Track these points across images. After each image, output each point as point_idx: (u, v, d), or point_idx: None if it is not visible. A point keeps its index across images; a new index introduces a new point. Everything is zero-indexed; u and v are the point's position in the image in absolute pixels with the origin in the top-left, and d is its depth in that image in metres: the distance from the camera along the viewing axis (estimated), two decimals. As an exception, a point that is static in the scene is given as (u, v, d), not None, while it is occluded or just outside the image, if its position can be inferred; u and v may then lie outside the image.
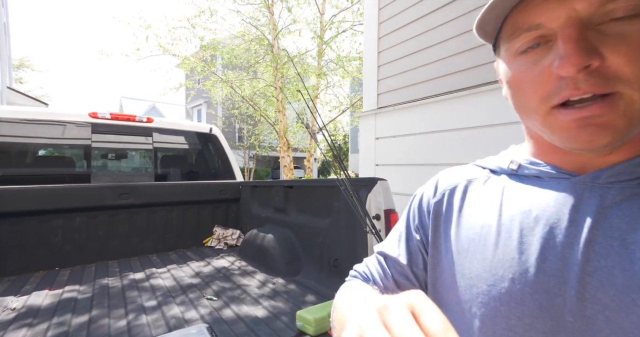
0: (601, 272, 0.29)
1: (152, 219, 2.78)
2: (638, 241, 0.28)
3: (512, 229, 0.35)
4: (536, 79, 0.32)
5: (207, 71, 8.32)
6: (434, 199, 0.45)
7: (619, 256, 0.29)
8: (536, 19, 0.31)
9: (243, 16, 7.91)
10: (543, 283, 0.32)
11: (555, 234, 0.33)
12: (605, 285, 0.29)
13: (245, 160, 15.12)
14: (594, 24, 0.29)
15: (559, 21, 0.29)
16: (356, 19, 8.15)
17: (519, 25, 0.32)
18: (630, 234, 0.29)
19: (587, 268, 0.30)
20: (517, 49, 0.33)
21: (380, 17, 2.96)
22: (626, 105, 0.29)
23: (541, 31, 0.31)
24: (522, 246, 0.34)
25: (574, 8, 0.29)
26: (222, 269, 2.31)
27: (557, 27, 0.30)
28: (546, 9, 0.30)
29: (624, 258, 0.29)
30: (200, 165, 3.34)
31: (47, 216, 2.35)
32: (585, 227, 0.31)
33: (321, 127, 1.63)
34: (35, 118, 2.41)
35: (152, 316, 1.58)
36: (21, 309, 1.66)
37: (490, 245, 0.36)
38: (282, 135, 8.27)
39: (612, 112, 0.29)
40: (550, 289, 0.32)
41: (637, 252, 0.28)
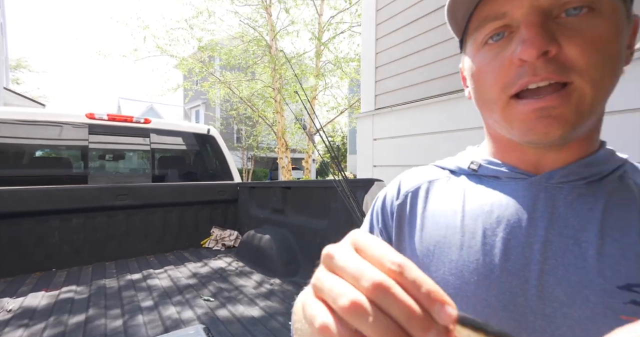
0: (558, 270, 0.32)
1: (149, 220, 2.78)
2: (590, 240, 0.31)
3: (476, 230, 0.36)
4: (497, 70, 0.33)
5: (205, 72, 8.32)
6: (397, 201, 0.45)
7: (573, 254, 0.31)
8: (501, 8, 0.32)
9: (241, 17, 7.92)
10: (506, 283, 0.33)
11: (516, 235, 0.34)
12: (561, 282, 0.31)
13: (244, 161, 15.11)
14: (553, 16, 0.31)
15: (522, 10, 0.31)
16: (354, 20, 8.17)
17: (485, 16, 0.34)
18: (583, 232, 0.32)
19: (545, 267, 0.32)
20: (482, 39, 0.35)
21: (378, 18, 2.98)
22: (578, 98, 0.31)
23: (506, 20, 0.33)
24: (485, 247, 0.35)
25: None
26: (220, 270, 2.31)
27: (520, 16, 0.31)
28: (509, 1, 0.32)
29: (578, 256, 0.31)
30: (198, 166, 3.34)
31: (44, 217, 2.34)
32: (542, 228, 0.33)
33: (318, 128, 1.63)
34: (32, 119, 2.40)
35: (148, 317, 1.58)
36: (17, 311, 1.65)
37: (455, 247, 0.37)
38: (280, 137, 8.27)
39: (565, 104, 0.31)
40: (513, 288, 0.33)
41: (589, 250, 0.31)
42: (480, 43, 0.35)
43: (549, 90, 0.31)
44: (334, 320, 0.17)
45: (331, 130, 17.58)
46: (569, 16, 0.30)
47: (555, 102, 0.30)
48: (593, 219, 0.32)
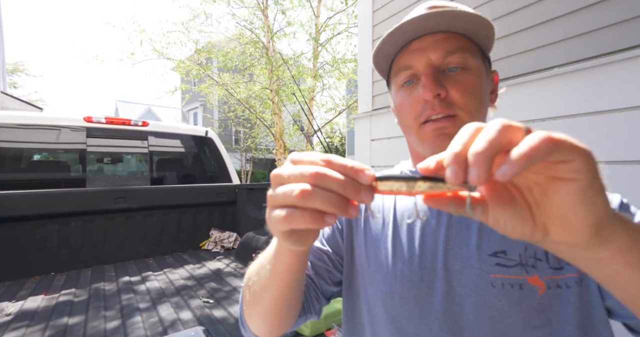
0: (455, 248, 0.45)
1: (148, 222, 2.78)
2: (473, 223, 0.45)
3: (403, 222, 0.50)
4: (411, 104, 0.48)
5: (202, 74, 8.32)
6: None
7: (464, 235, 0.45)
8: (409, 62, 0.48)
9: (238, 19, 7.93)
10: (422, 261, 0.46)
11: (429, 224, 0.48)
12: (457, 256, 0.44)
13: (242, 163, 15.10)
14: (441, 70, 0.46)
15: (422, 65, 0.47)
16: (351, 21, 8.20)
17: (399, 67, 0.50)
18: (470, 220, 0.45)
19: (448, 246, 0.45)
20: (400, 83, 0.50)
21: (374, 19, 3.00)
22: (462, 124, 0.39)
23: (412, 71, 0.48)
24: (410, 234, 0.49)
25: (430, 57, 0.46)
26: (218, 272, 2.31)
27: (421, 69, 0.47)
28: (414, 57, 0.47)
29: (466, 236, 0.45)
30: (197, 168, 3.34)
31: (43, 220, 2.34)
32: (445, 217, 0.47)
33: (316, 130, 1.64)
34: (30, 123, 2.40)
35: (147, 319, 1.58)
36: (17, 314, 1.65)
37: (389, 238, 0.50)
38: (278, 138, 8.27)
39: (453, 126, 0.45)
40: (427, 264, 0.46)
41: (473, 231, 0.45)
42: (399, 86, 0.51)
43: (444, 120, 0.45)
44: (295, 209, 0.24)
45: (329, 131, 17.59)
46: (451, 72, 0.46)
47: (446, 124, 0.45)
48: None
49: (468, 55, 0.46)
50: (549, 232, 0.23)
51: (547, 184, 0.21)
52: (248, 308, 0.47)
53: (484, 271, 0.42)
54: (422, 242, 0.47)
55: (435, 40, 0.46)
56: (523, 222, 0.23)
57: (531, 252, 0.42)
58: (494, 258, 0.42)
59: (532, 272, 0.41)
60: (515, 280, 0.41)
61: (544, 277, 0.40)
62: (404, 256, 0.48)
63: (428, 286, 0.45)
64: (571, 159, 0.19)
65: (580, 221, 0.21)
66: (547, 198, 0.22)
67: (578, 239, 0.22)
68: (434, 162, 0.22)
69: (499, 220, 0.24)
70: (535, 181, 0.22)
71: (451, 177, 0.20)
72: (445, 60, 0.46)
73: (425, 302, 0.45)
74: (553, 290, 0.40)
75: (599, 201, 0.20)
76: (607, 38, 1.38)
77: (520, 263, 0.41)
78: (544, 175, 0.21)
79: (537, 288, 0.40)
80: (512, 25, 1.72)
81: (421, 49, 0.47)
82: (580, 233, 0.21)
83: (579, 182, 0.20)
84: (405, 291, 0.46)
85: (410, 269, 0.47)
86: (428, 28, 0.46)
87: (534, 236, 0.23)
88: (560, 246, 0.24)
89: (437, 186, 0.23)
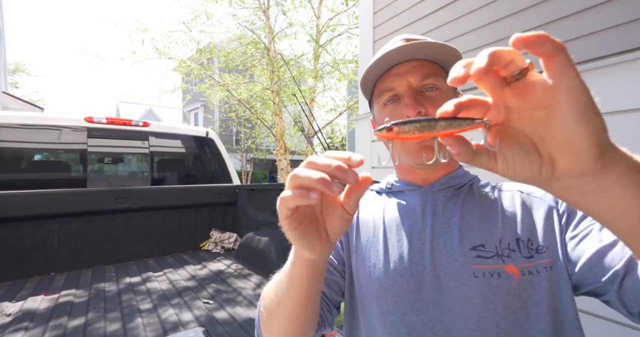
0: (440, 245, 0.51)
1: (148, 223, 2.78)
2: (455, 223, 0.51)
3: (392, 226, 0.56)
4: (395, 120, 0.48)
5: (203, 74, 8.33)
6: None
7: (447, 233, 0.51)
8: (391, 85, 0.56)
9: (239, 20, 7.94)
10: (411, 258, 0.51)
11: (415, 226, 0.53)
12: (442, 253, 0.50)
13: (243, 164, 15.10)
14: (419, 91, 0.54)
15: (403, 87, 0.55)
16: (352, 22, 8.20)
17: (382, 89, 0.57)
18: (452, 219, 0.52)
19: (433, 243, 0.51)
20: (383, 102, 0.58)
21: (375, 20, 3.00)
22: None
23: (394, 92, 0.56)
24: (399, 235, 0.54)
25: (409, 81, 0.54)
26: (219, 272, 2.31)
27: (402, 91, 0.55)
28: (395, 80, 0.55)
29: (449, 234, 0.51)
30: (197, 169, 3.34)
31: (43, 220, 2.34)
32: (429, 219, 0.53)
33: (316, 131, 1.64)
34: (31, 123, 2.41)
35: (147, 319, 1.58)
36: (17, 314, 1.65)
37: (381, 241, 0.55)
38: (279, 139, 8.27)
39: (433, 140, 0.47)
40: (416, 261, 0.51)
41: (455, 230, 0.51)
42: (382, 104, 0.58)
43: None
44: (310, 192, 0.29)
45: (330, 132, 17.59)
46: (427, 91, 0.54)
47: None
48: (456, 211, 0.53)
49: (440, 79, 0.54)
50: (555, 164, 0.24)
51: (550, 117, 0.23)
52: (264, 326, 0.49)
53: (467, 263, 0.48)
54: (410, 242, 0.53)
55: (412, 66, 0.55)
56: (530, 158, 0.25)
57: (505, 244, 0.48)
58: (474, 251, 0.48)
59: (508, 262, 0.46)
60: (494, 269, 0.46)
61: (519, 265, 0.46)
62: (395, 255, 0.53)
63: (418, 280, 0.50)
64: (554, 53, 0.21)
65: (584, 141, 0.22)
66: (550, 129, 0.23)
67: (584, 164, 0.23)
68: (464, 70, 0.24)
69: (508, 161, 0.26)
70: (538, 118, 0.24)
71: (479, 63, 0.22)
72: (422, 83, 0.54)
73: (416, 295, 0.49)
74: (527, 276, 0.46)
75: (598, 120, 0.22)
76: (607, 40, 1.38)
77: (497, 254, 0.47)
78: (547, 110, 0.23)
79: (513, 275, 0.46)
80: (515, 27, 1.72)
81: (401, 73, 0.55)
82: (585, 155, 0.23)
83: (579, 102, 0.21)
84: (397, 287, 0.51)
85: (401, 266, 0.52)
86: (408, 56, 0.54)
87: (542, 173, 0.25)
88: (567, 181, 0.25)
89: (457, 123, 0.25)
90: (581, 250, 0.44)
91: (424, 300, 0.49)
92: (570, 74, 0.21)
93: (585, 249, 0.44)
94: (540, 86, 0.22)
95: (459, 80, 0.23)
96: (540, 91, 0.23)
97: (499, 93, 0.24)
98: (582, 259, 0.44)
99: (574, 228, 0.47)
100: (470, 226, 0.50)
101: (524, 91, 0.23)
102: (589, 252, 0.43)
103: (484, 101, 0.25)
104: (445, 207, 0.54)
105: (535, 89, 0.23)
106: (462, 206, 0.53)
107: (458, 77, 0.23)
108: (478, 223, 0.50)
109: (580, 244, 0.45)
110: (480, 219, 0.51)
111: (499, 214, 0.51)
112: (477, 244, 0.48)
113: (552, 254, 0.47)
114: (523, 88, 0.23)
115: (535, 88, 0.23)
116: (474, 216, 0.51)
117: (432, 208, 0.54)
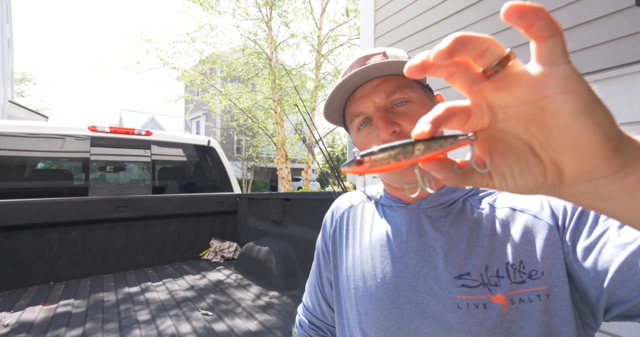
0: (424, 271, 0.48)
1: (148, 232, 2.77)
2: (442, 247, 0.48)
3: (376, 247, 0.54)
4: (370, 143, 0.52)
5: (206, 84, 8.43)
6: (331, 229, 0.65)
7: (432, 258, 0.48)
8: (358, 109, 0.52)
9: (242, 31, 8.08)
10: (394, 283, 0.49)
11: (401, 247, 0.51)
12: (426, 279, 0.47)
13: (244, 172, 15.12)
14: (389, 108, 0.51)
15: (370, 109, 0.51)
16: (353, 33, 8.33)
17: (351, 114, 0.54)
18: (437, 242, 0.48)
19: (417, 268, 0.49)
20: (357, 127, 0.54)
21: (376, 32, 3.05)
22: None
23: (364, 115, 0.52)
24: (383, 257, 0.52)
25: (375, 101, 0.51)
26: (218, 283, 2.29)
27: (371, 113, 0.51)
28: (361, 104, 0.52)
29: (435, 260, 0.47)
30: (198, 177, 3.35)
31: (43, 229, 2.34)
32: (414, 241, 0.50)
33: (317, 139, 1.65)
34: (35, 132, 2.43)
35: (145, 331, 1.56)
36: (14, 325, 1.64)
37: (366, 261, 0.54)
38: (280, 147, 8.31)
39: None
40: (399, 286, 0.49)
41: (440, 255, 0.47)
42: (356, 129, 0.55)
43: None
44: None
45: (331, 141, 17.64)
46: (397, 107, 0.50)
47: None
48: (444, 232, 0.49)
49: (407, 90, 0.50)
50: (562, 168, 0.20)
51: (543, 113, 0.19)
52: None
53: (451, 292, 0.44)
54: (394, 265, 0.50)
55: (375, 85, 0.51)
56: (530, 168, 0.21)
57: (493, 271, 0.43)
58: (459, 280, 0.44)
59: (495, 291, 0.42)
60: (480, 300, 0.42)
61: (507, 293, 0.41)
62: (377, 279, 0.51)
63: (398, 307, 0.48)
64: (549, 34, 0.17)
65: (590, 138, 0.18)
66: (546, 127, 0.19)
67: (595, 165, 0.18)
68: (422, 63, 0.20)
69: (505, 173, 0.22)
70: (529, 115, 0.20)
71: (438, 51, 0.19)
72: (389, 100, 0.51)
73: (397, 323, 0.47)
74: (517, 305, 0.41)
75: (602, 110, 0.18)
76: (610, 52, 1.40)
77: (483, 283, 0.43)
78: (538, 104, 0.19)
79: (501, 306, 0.41)
80: (516, 42, 1.74)
81: (365, 95, 0.52)
82: (595, 155, 0.18)
83: (575, 92, 0.18)
84: (377, 313, 0.49)
85: (381, 291, 0.50)
86: (366, 77, 0.51)
87: (548, 180, 0.21)
88: (581, 185, 0.20)
89: (437, 143, 0.21)
90: (605, 261, 0.36)
91: (405, 329, 0.46)
92: (563, 60, 0.18)
93: (609, 259, 0.35)
94: (526, 76, 0.19)
95: (417, 68, 0.20)
96: (526, 82, 0.19)
97: (478, 91, 0.20)
98: (610, 271, 0.35)
99: (587, 235, 0.38)
100: (457, 251, 0.46)
101: (507, 84, 0.19)
102: (617, 262, 0.34)
103: (463, 106, 0.21)
104: (432, 228, 0.50)
105: (520, 80, 0.19)
106: (449, 228, 0.49)
107: (415, 65, 0.20)
108: (465, 249, 0.46)
109: (601, 254, 0.36)
110: (467, 244, 0.46)
111: (488, 238, 0.46)
112: (463, 272, 0.44)
113: (548, 281, 0.40)
114: (505, 81, 0.19)
115: (520, 79, 0.19)
116: (462, 242, 0.47)
117: (418, 229, 0.51)
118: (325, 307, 0.66)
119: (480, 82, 0.20)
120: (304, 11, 8.16)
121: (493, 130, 0.22)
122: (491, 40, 0.19)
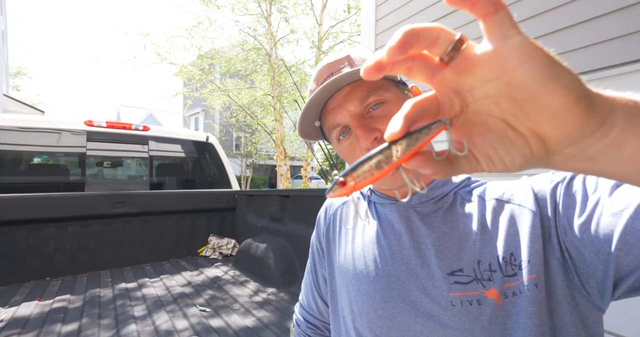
0: (416, 269, 0.47)
1: (146, 228, 2.76)
2: (434, 243, 0.47)
3: (369, 245, 0.53)
4: (353, 152, 0.50)
5: (204, 79, 8.38)
6: (325, 227, 0.65)
7: (424, 255, 0.47)
8: (334, 120, 0.51)
9: (241, 26, 8.02)
10: (386, 282, 0.49)
11: (393, 245, 0.51)
12: (419, 277, 0.47)
13: (242, 169, 15.09)
14: (365, 114, 0.49)
15: (346, 119, 0.49)
16: (354, 30, 8.29)
17: (328, 126, 0.52)
18: (428, 238, 0.48)
19: (410, 266, 0.48)
20: (336, 137, 0.53)
21: (377, 28, 3.02)
22: None
23: (342, 125, 0.50)
24: (374, 256, 0.52)
25: (349, 110, 0.49)
26: (216, 279, 2.28)
27: (347, 121, 0.49)
28: (336, 114, 0.50)
29: (427, 256, 0.47)
30: (197, 173, 3.33)
31: (39, 224, 2.32)
32: (406, 238, 0.50)
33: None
34: (31, 126, 2.40)
35: (141, 326, 1.55)
36: (9, 321, 1.62)
37: (358, 260, 0.54)
38: (279, 144, 8.28)
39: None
40: (391, 285, 0.49)
41: (432, 252, 0.46)
42: (336, 140, 0.53)
43: None
44: None
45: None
46: (374, 110, 0.48)
47: None
48: (435, 228, 0.48)
49: (380, 91, 0.48)
50: (544, 137, 0.20)
51: (509, 87, 0.19)
52: None
53: (444, 290, 0.43)
54: (386, 264, 0.50)
55: (345, 94, 0.49)
56: (514, 143, 0.21)
57: (486, 266, 0.42)
58: (452, 277, 0.44)
59: (489, 286, 0.41)
60: (473, 296, 0.42)
61: (500, 287, 0.41)
62: (370, 277, 0.51)
63: (392, 306, 0.47)
64: (493, 10, 0.18)
65: (562, 100, 0.18)
66: (516, 100, 0.19)
67: (574, 126, 0.19)
68: (377, 57, 0.20)
69: (491, 154, 0.22)
70: (497, 92, 0.20)
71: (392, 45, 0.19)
72: (364, 105, 0.49)
73: (390, 323, 0.47)
74: (510, 299, 0.40)
75: (565, 71, 0.18)
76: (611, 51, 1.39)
77: (476, 278, 0.42)
78: (501, 79, 0.19)
79: (494, 301, 0.41)
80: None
81: (337, 105, 0.50)
82: (571, 116, 0.18)
83: (535, 59, 0.18)
84: (371, 312, 0.48)
85: (374, 289, 0.49)
86: (335, 87, 0.49)
87: (535, 151, 0.21)
88: (567, 150, 0.20)
89: (414, 138, 0.20)
90: (605, 233, 0.34)
91: (398, 328, 0.46)
92: (514, 32, 0.18)
93: (609, 229, 0.34)
94: (484, 55, 0.19)
95: (373, 70, 0.19)
96: (485, 60, 0.19)
97: (440, 79, 0.21)
98: (614, 241, 0.33)
99: (581, 212, 0.37)
100: (448, 247, 0.46)
101: (467, 67, 0.19)
102: (618, 231, 0.33)
103: (430, 97, 0.21)
104: (423, 224, 0.49)
105: (478, 60, 0.19)
106: (440, 224, 0.48)
107: (370, 67, 0.19)
108: (457, 244, 0.45)
109: (600, 226, 0.35)
110: (459, 239, 0.46)
111: (479, 231, 0.45)
112: (456, 268, 0.44)
113: (536, 269, 0.40)
114: (464, 64, 0.19)
115: (477, 59, 0.19)
116: (453, 237, 0.46)
117: (408, 226, 0.50)
118: (321, 305, 0.66)
119: (440, 70, 0.20)
120: (304, 7, 8.11)
121: (467, 115, 0.22)
122: (440, 28, 0.19)
